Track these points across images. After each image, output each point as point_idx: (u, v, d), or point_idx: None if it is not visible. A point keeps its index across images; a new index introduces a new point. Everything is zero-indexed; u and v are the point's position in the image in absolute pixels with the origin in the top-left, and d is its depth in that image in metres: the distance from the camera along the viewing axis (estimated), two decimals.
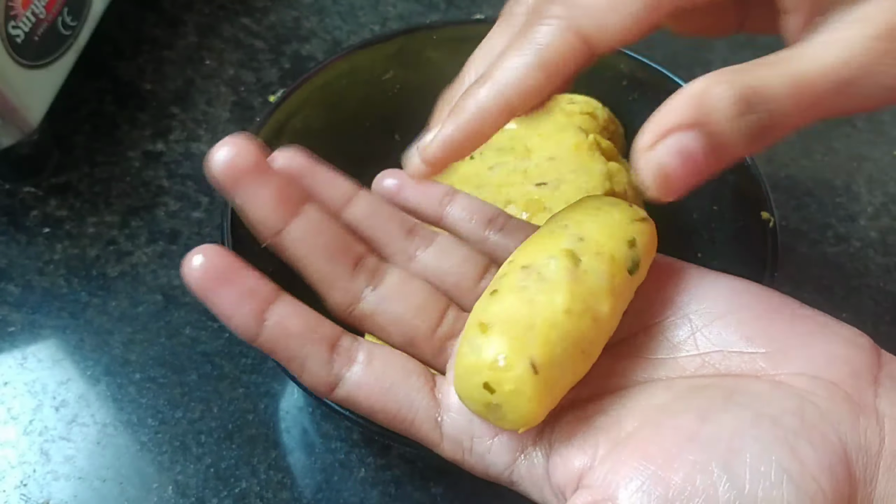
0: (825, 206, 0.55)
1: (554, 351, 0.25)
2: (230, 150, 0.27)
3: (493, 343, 0.25)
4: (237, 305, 0.27)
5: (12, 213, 0.50)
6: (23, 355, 0.45)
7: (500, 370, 0.24)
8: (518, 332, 0.25)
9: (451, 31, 0.49)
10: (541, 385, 0.24)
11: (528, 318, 0.25)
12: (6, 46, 0.43)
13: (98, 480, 0.41)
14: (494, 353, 0.25)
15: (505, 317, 0.25)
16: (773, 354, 0.26)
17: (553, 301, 0.25)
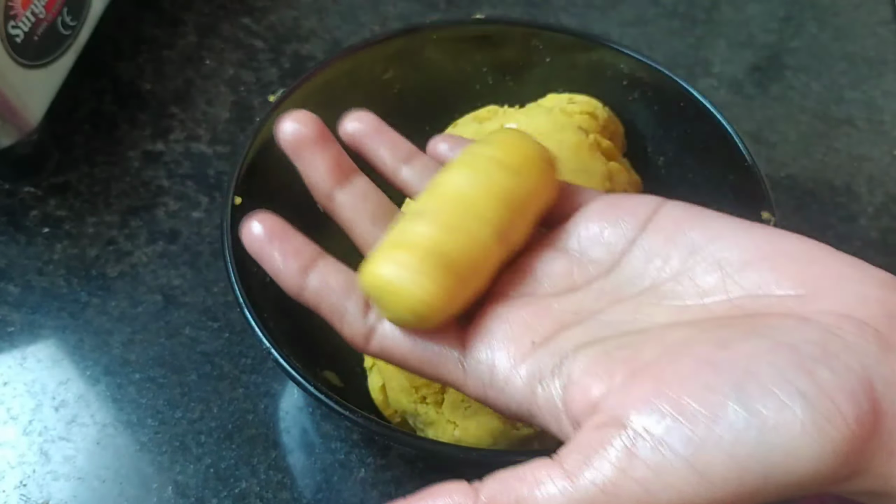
0: (825, 206, 0.55)
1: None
2: (295, 122, 0.33)
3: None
4: (284, 263, 0.31)
5: (12, 213, 0.50)
6: (22, 355, 0.45)
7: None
8: None
9: (451, 31, 0.49)
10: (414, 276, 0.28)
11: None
12: (6, 46, 0.43)
13: (98, 481, 0.41)
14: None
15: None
16: (805, 296, 0.26)
17: None
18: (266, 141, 0.44)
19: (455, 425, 0.38)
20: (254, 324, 0.36)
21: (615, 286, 0.30)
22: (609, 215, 0.31)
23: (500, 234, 0.30)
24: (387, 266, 0.29)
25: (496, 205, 0.30)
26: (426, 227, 0.29)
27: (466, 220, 0.30)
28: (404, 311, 0.29)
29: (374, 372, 0.42)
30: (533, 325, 0.29)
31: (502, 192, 0.31)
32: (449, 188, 0.31)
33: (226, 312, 0.47)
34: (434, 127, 0.50)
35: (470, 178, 0.31)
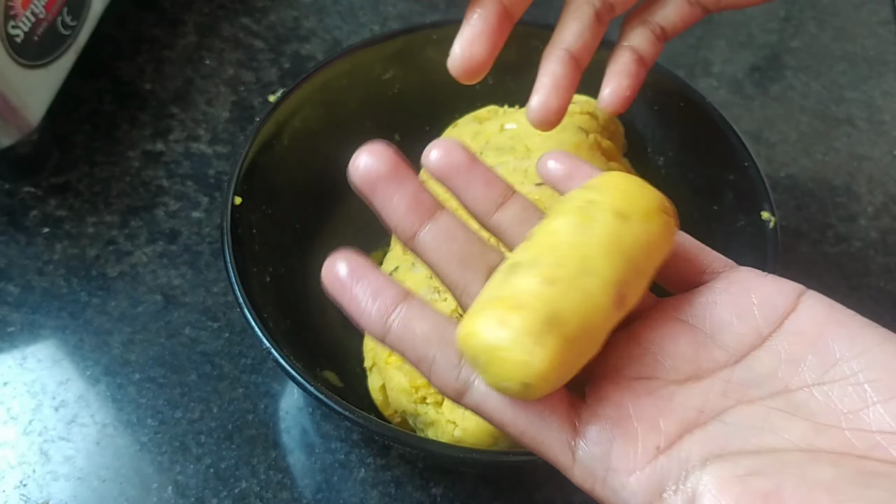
0: (825, 206, 0.55)
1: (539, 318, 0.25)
2: (368, 157, 0.29)
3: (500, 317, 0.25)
4: (367, 305, 0.28)
5: (12, 213, 0.50)
6: (22, 355, 0.45)
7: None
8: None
9: (451, 31, 0.48)
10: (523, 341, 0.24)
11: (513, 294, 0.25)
12: (6, 46, 0.43)
13: (97, 480, 0.41)
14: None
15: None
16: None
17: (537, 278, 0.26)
18: (266, 141, 0.44)
19: (455, 425, 0.38)
20: (254, 324, 0.36)
21: (742, 382, 0.27)
22: (743, 304, 0.28)
23: (619, 293, 0.26)
24: (491, 328, 0.25)
25: (614, 260, 0.26)
26: (535, 282, 0.25)
27: (581, 277, 0.26)
28: (511, 381, 0.25)
29: (374, 372, 0.42)
30: (657, 423, 0.26)
31: (620, 245, 0.27)
32: (558, 238, 0.27)
33: (226, 312, 0.47)
34: (434, 127, 0.50)
35: (582, 227, 0.27)
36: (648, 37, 0.40)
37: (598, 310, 0.26)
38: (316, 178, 0.47)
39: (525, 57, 0.50)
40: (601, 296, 0.26)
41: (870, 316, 0.54)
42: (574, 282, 0.26)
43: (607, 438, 0.26)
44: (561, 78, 0.38)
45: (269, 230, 0.43)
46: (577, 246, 0.26)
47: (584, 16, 0.38)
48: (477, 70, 0.36)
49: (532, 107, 0.38)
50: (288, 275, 0.44)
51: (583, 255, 0.26)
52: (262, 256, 0.42)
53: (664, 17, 0.40)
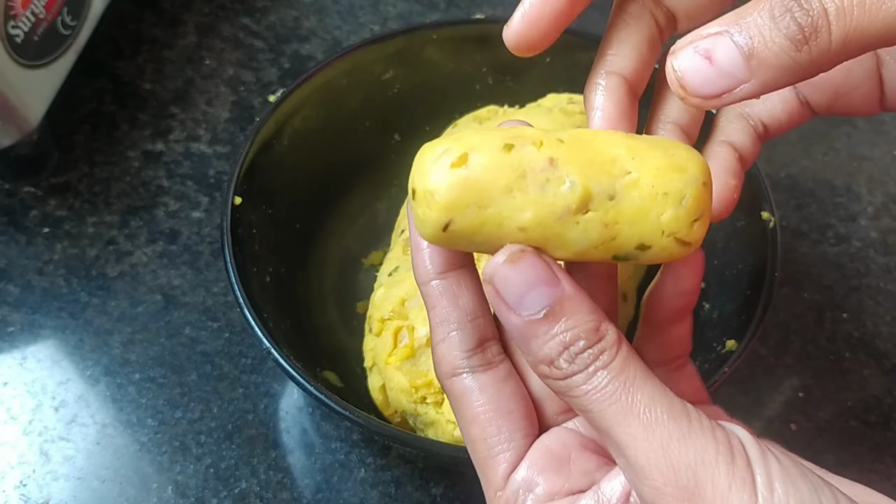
0: (825, 206, 0.55)
1: (471, 235, 0.24)
2: None
3: (442, 182, 0.24)
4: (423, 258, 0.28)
5: (12, 213, 0.50)
6: (22, 355, 0.45)
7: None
8: (463, 199, 0.24)
9: (451, 31, 0.49)
10: (441, 238, 0.24)
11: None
12: (6, 46, 0.43)
13: (97, 480, 0.41)
14: (434, 187, 0.24)
15: (472, 176, 0.24)
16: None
17: (520, 210, 0.24)
18: (266, 141, 0.44)
19: (455, 425, 0.38)
20: (254, 324, 0.36)
21: None
22: None
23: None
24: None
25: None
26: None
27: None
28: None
29: (374, 372, 0.42)
30: (591, 474, 0.27)
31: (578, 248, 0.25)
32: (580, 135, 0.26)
33: (226, 312, 0.47)
34: (434, 127, 0.50)
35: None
36: (749, 132, 0.33)
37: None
38: (316, 178, 0.47)
39: (525, 57, 0.50)
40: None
41: (870, 316, 0.54)
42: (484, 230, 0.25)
43: (540, 467, 0.26)
44: (617, 120, 0.29)
45: (269, 230, 0.43)
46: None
47: (643, 28, 0.30)
48: (536, 43, 0.30)
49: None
50: (288, 275, 0.44)
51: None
52: (262, 256, 0.42)
53: (769, 112, 0.33)
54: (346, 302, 0.47)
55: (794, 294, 0.51)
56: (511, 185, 0.24)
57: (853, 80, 0.31)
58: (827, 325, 0.49)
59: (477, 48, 0.50)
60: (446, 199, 0.24)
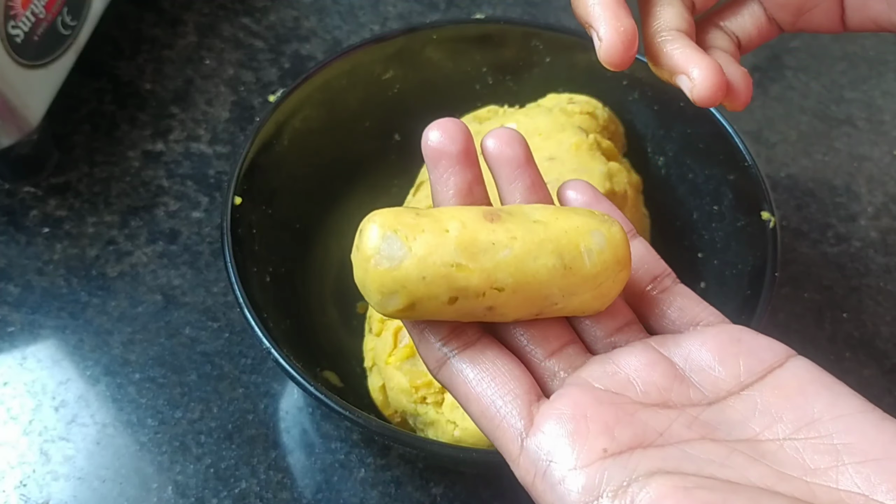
0: (825, 206, 0.55)
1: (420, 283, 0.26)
2: (440, 133, 0.29)
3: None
4: None
5: (12, 213, 0.50)
6: (22, 355, 0.45)
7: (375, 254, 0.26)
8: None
9: (451, 31, 0.49)
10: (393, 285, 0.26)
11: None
12: (6, 46, 0.43)
13: (98, 480, 0.41)
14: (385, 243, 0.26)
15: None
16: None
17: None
18: (266, 141, 0.44)
19: (455, 425, 0.38)
20: (254, 324, 0.36)
21: (710, 422, 0.27)
22: (729, 350, 0.28)
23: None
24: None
25: None
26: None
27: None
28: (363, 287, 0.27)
29: (374, 372, 0.42)
30: (611, 430, 0.26)
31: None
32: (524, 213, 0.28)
33: (226, 312, 0.47)
34: None
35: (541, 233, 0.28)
36: (729, 42, 0.35)
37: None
38: (316, 178, 0.47)
39: (525, 57, 0.50)
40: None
41: (870, 316, 0.54)
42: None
43: (558, 433, 0.26)
44: (697, 52, 0.32)
45: (269, 230, 0.43)
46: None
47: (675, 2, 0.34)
48: (630, 59, 0.31)
49: (698, 83, 0.32)
50: (288, 275, 0.44)
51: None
52: (262, 256, 0.42)
53: (741, 27, 0.35)
54: (346, 302, 0.47)
55: (794, 294, 0.51)
56: (454, 319, 0.28)
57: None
58: (827, 325, 0.49)
59: (477, 48, 0.50)
60: (388, 312, 0.27)
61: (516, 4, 0.64)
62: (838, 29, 0.35)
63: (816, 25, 0.35)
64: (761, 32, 0.35)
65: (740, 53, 0.36)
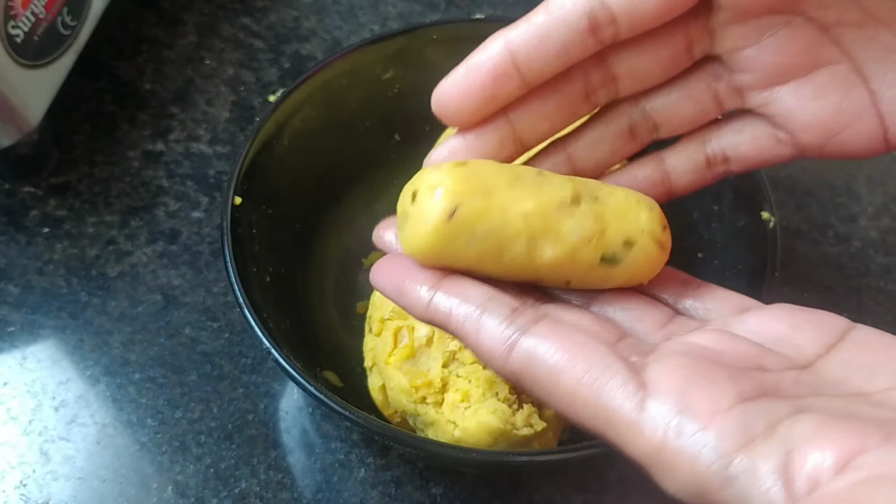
0: (825, 206, 0.55)
1: (476, 222, 0.26)
2: None
3: (448, 175, 0.26)
4: (411, 281, 0.28)
5: (12, 213, 0.50)
6: (22, 355, 0.45)
7: (428, 196, 0.26)
8: (470, 186, 0.26)
9: (451, 31, 0.49)
10: (444, 232, 0.26)
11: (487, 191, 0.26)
12: (6, 46, 0.43)
13: (98, 480, 0.41)
14: (440, 180, 0.26)
15: (475, 172, 0.27)
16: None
17: (522, 199, 0.27)
18: (266, 141, 0.44)
19: (455, 425, 0.38)
20: (254, 324, 0.36)
21: (814, 382, 0.25)
22: (799, 320, 0.27)
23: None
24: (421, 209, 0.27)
25: None
26: None
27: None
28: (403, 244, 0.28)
29: (374, 372, 0.42)
30: (737, 380, 0.23)
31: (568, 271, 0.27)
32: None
33: (226, 312, 0.47)
34: (434, 127, 0.49)
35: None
36: (696, 159, 0.32)
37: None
38: (316, 178, 0.47)
39: None
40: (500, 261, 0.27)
41: (870, 316, 0.54)
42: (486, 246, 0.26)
43: (682, 382, 0.23)
44: None
45: (269, 230, 0.43)
46: None
47: (612, 123, 0.31)
48: (454, 112, 0.30)
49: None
50: (288, 275, 0.44)
51: None
52: (262, 256, 0.42)
53: (734, 143, 0.31)
54: (346, 302, 0.47)
55: (794, 294, 0.51)
56: (511, 181, 0.26)
57: (844, 118, 0.29)
58: None
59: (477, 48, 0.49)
60: (454, 186, 0.26)
61: (516, 4, 0.64)
62: (881, 148, 0.29)
63: (852, 147, 0.30)
64: (762, 155, 0.31)
65: (730, 172, 0.32)
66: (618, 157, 0.32)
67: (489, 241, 0.26)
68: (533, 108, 0.29)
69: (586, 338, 0.25)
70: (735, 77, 0.30)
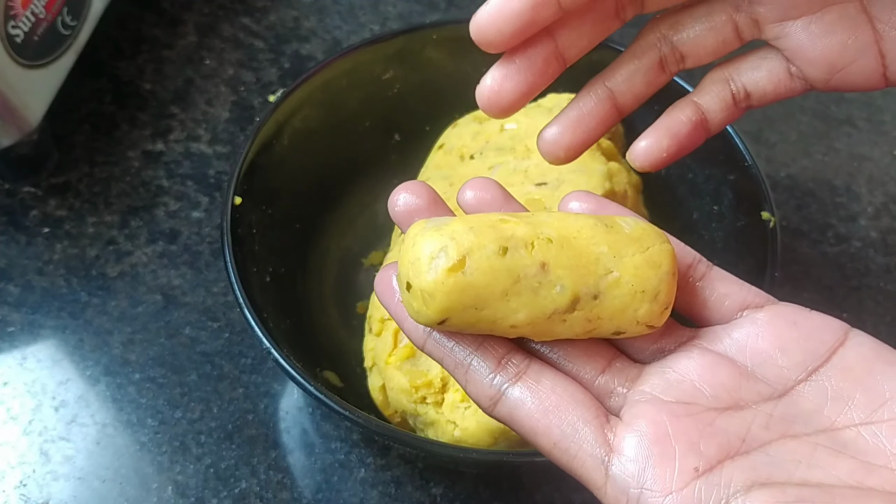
0: (825, 206, 0.55)
1: (466, 328, 0.26)
2: (406, 193, 0.29)
3: (441, 286, 0.25)
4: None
5: (12, 213, 0.50)
6: (23, 355, 0.45)
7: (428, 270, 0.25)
8: (461, 302, 0.25)
9: (451, 31, 0.49)
10: (435, 327, 0.26)
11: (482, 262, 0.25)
12: (6, 46, 0.43)
13: (98, 480, 0.41)
14: (432, 288, 0.25)
15: (469, 283, 0.25)
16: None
17: (514, 312, 0.26)
18: (266, 141, 0.44)
19: (455, 425, 0.38)
20: (254, 324, 0.36)
21: (786, 416, 0.26)
22: (788, 337, 0.27)
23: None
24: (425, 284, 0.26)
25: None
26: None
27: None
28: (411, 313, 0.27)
29: (374, 372, 0.42)
30: (697, 445, 0.25)
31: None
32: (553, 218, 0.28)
33: (226, 312, 0.47)
34: (434, 127, 0.50)
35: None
36: (724, 97, 0.33)
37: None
38: (316, 178, 0.47)
39: None
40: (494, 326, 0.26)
41: (870, 316, 0.54)
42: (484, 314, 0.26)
43: (644, 456, 0.25)
44: (588, 115, 0.33)
45: (269, 230, 0.43)
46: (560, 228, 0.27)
47: (644, 57, 0.33)
48: (507, 107, 0.32)
49: (544, 137, 0.33)
50: (288, 275, 0.44)
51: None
52: (262, 256, 0.42)
53: (753, 79, 0.33)
54: (346, 302, 0.47)
55: (794, 294, 0.50)
56: (507, 289, 0.26)
57: (849, 54, 0.31)
58: None
59: (477, 48, 0.49)
60: (444, 303, 0.25)
61: None
62: (880, 84, 0.32)
63: (853, 83, 0.32)
64: (778, 89, 0.33)
65: (752, 106, 0.34)
66: (652, 89, 0.34)
67: (479, 330, 0.27)
68: (573, 28, 0.31)
69: (563, 398, 0.26)
70: (753, 9, 0.31)
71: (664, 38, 0.33)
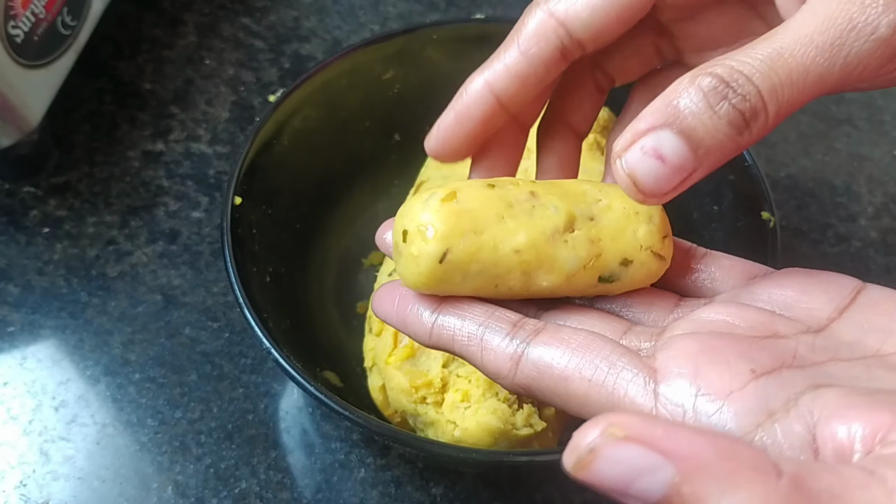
0: (825, 206, 0.55)
1: (468, 263, 0.26)
2: None
3: (436, 215, 0.26)
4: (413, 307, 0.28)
5: (12, 213, 0.50)
6: (22, 355, 0.45)
7: (422, 234, 0.26)
8: (459, 227, 0.26)
9: (451, 31, 0.49)
10: (437, 273, 0.26)
11: (477, 224, 0.26)
12: (6, 46, 0.43)
13: (98, 480, 0.41)
14: (429, 220, 0.26)
15: (464, 208, 0.26)
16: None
17: (513, 233, 0.26)
18: (266, 141, 0.44)
19: (455, 425, 0.38)
20: (254, 324, 0.36)
21: (830, 346, 0.25)
22: (809, 283, 0.27)
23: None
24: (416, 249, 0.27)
25: None
26: None
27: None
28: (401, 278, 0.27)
29: (374, 372, 0.42)
30: (748, 354, 0.23)
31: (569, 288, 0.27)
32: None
33: (226, 312, 0.47)
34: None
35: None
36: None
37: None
38: (316, 178, 0.47)
39: None
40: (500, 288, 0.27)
41: None
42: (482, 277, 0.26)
43: (693, 364, 0.23)
44: (566, 163, 0.34)
45: (269, 230, 0.43)
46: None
47: (582, 86, 0.34)
48: (450, 156, 0.32)
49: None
50: (288, 275, 0.44)
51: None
52: (262, 256, 0.42)
53: (615, 66, 0.34)
54: (346, 302, 0.47)
55: None
56: (501, 212, 0.26)
57: None
58: None
59: (477, 48, 0.49)
60: (443, 229, 0.26)
61: (516, 4, 0.64)
62: None
63: None
64: (641, 64, 0.34)
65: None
66: (596, 110, 0.35)
67: (483, 277, 0.26)
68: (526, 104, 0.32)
69: (589, 338, 0.25)
70: (674, 40, 0.33)
71: (596, 65, 0.34)
